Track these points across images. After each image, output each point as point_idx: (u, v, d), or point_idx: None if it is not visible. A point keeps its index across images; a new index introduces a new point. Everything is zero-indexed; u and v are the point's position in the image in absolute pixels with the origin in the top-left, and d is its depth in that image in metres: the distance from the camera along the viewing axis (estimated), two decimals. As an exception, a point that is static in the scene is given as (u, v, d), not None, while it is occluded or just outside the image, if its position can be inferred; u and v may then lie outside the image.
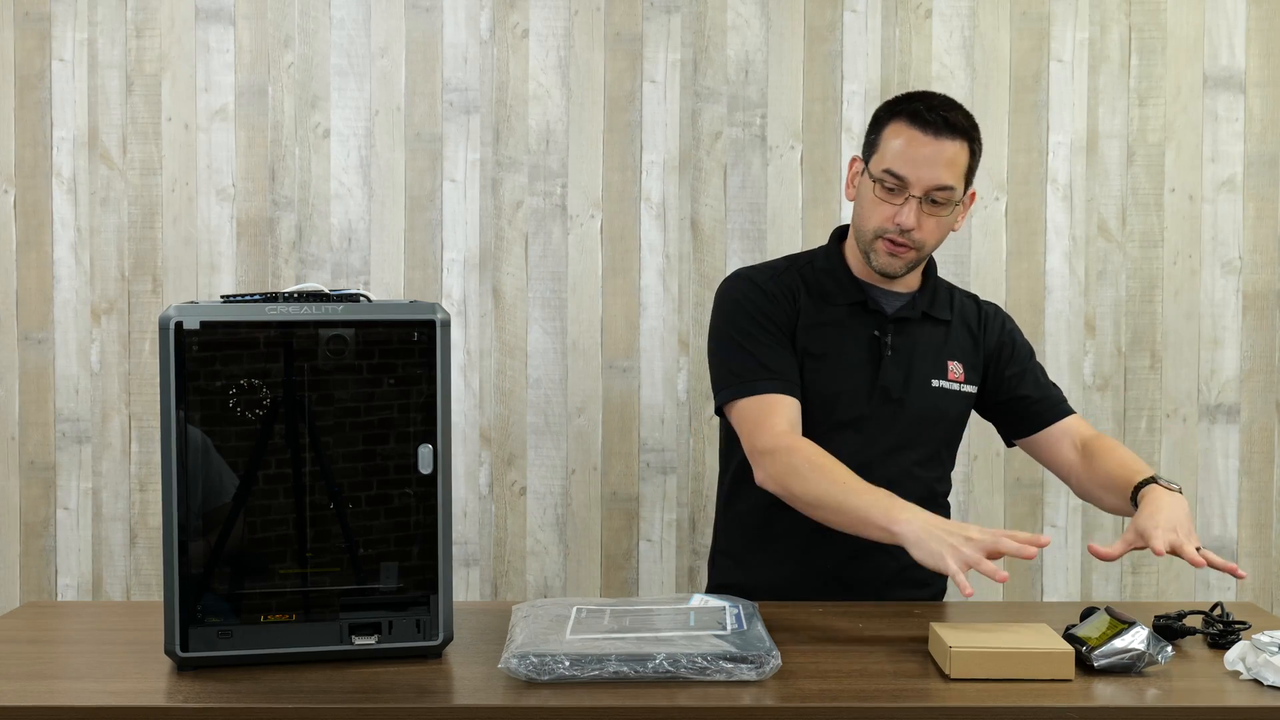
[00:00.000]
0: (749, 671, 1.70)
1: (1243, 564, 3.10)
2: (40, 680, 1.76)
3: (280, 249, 3.09)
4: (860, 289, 2.31)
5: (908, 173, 2.19)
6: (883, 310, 2.29)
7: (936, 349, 2.32)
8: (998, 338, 2.37)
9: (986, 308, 2.42)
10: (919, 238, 2.22)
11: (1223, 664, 1.78)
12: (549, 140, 3.09)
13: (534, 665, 1.69)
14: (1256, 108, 3.08)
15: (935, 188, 2.19)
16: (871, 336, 2.28)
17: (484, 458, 3.11)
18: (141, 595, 3.11)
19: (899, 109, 2.24)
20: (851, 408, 2.26)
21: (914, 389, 2.28)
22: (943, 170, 2.19)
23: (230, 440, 1.75)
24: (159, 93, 3.09)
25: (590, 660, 1.70)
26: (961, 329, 2.35)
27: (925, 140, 2.19)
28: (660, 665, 1.70)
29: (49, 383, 3.12)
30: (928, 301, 2.33)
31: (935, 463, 2.33)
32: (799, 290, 2.31)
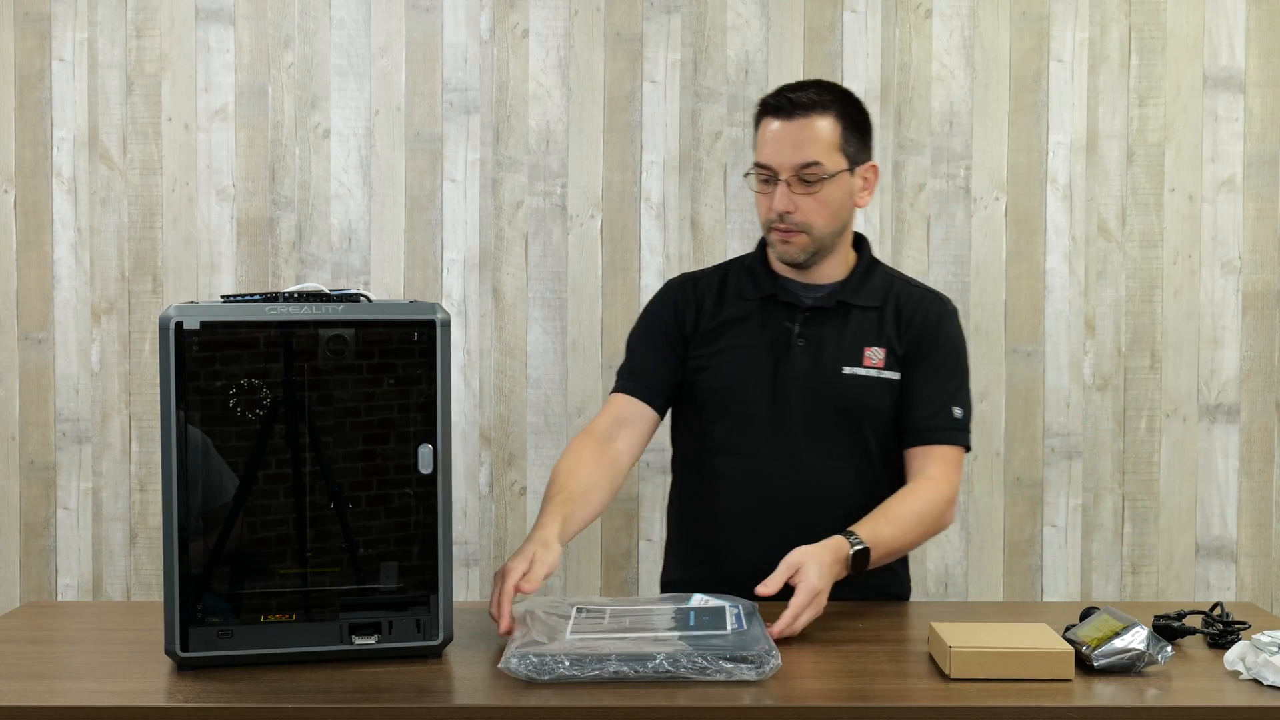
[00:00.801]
0: (749, 671, 1.70)
1: (1242, 564, 3.11)
2: (40, 680, 1.76)
3: (280, 249, 3.09)
4: (775, 283, 2.31)
5: (770, 159, 2.22)
6: (798, 302, 2.29)
7: (855, 336, 2.27)
8: (919, 331, 2.28)
9: (925, 297, 2.33)
10: (800, 220, 2.22)
11: (1222, 664, 1.78)
12: (549, 140, 3.09)
13: (534, 665, 1.69)
14: (1256, 108, 3.08)
15: (799, 166, 2.20)
16: (782, 328, 2.28)
17: (484, 458, 3.11)
18: (141, 595, 3.11)
19: (761, 105, 2.28)
20: (758, 399, 2.26)
21: (823, 377, 2.24)
22: (802, 148, 2.20)
23: (230, 440, 1.75)
24: (159, 93, 3.09)
25: (590, 660, 1.70)
26: (891, 315, 2.29)
27: (778, 124, 2.23)
28: (660, 665, 1.70)
29: (49, 383, 3.12)
30: (850, 290, 2.29)
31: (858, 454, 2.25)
32: (711, 293, 2.34)
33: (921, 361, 2.27)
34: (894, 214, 3.08)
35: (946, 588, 3.11)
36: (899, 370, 2.26)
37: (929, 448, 2.24)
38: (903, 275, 2.39)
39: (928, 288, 2.37)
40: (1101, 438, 3.10)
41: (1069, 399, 3.09)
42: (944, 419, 2.25)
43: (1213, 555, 3.11)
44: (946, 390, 2.27)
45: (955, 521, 3.10)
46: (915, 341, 2.27)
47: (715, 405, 2.29)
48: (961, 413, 2.27)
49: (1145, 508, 3.11)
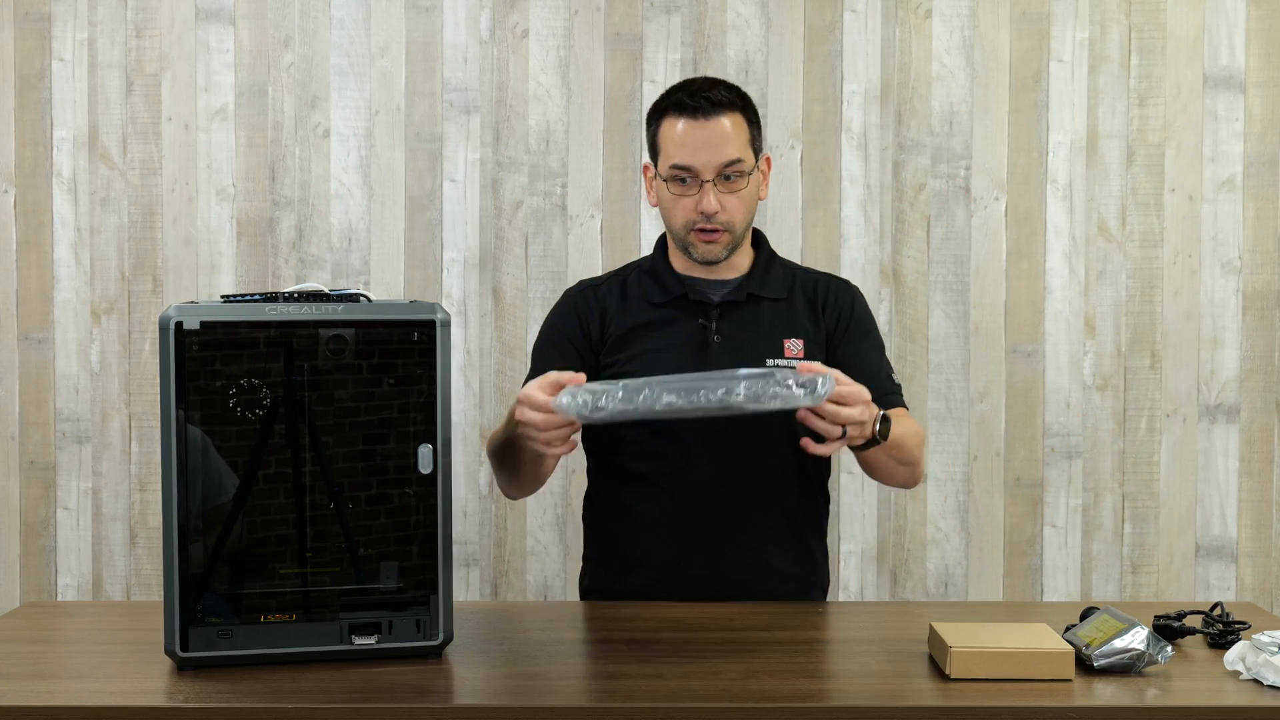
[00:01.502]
0: (805, 397, 1.69)
1: (1242, 564, 3.11)
2: (40, 680, 1.76)
3: (280, 249, 3.09)
4: (681, 283, 2.29)
5: (692, 161, 2.21)
6: (708, 299, 2.28)
7: (771, 328, 2.27)
8: (838, 313, 2.31)
9: (833, 283, 2.36)
10: (725, 219, 2.22)
11: (1222, 664, 1.78)
12: (549, 140, 3.09)
13: (586, 402, 1.70)
14: (1256, 108, 3.08)
15: (724, 166, 2.20)
16: (697, 326, 2.26)
17: (484, 458, 3.11)
18: (141, 595, 3.11)
19: (665, 105, 2.26)
20: None
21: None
22: (725, 148, 2.20)
23: (230, 440, 1.75)
24: (159, 93, 3.09)
25: (643, 394, 1.69)
26: (803, 305, 2.30)
27: (697, 125, 2.21)
28: (713, 392, 1.69)
29: (49, 383, 3.12)
30: (757, 283, 2.29)
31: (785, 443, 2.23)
32: (613, 299, 2.33)
33: (850, 342, 2.30)
34: (894, 214, 3.08)
35: (946, 588, 3.11)
36: (819, 356, 2.26)
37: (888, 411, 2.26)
38: (796, 264, 2.41)
39: (828, 273, 2.39)
40: (1101, 438, 3.10)
41: (1069, 399, 3.09)
42: (888, 384, 2.28)
43: (1213, 555, 3.11)
44: (881, 363, 2.32)
45: (955, 521, 3.10)
46: (836, 326, 2.30)
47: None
48: (896, 379, 2.33)
49: (1145, 508, 3.11)
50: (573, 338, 2.32)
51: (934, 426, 3.08)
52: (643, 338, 2.28)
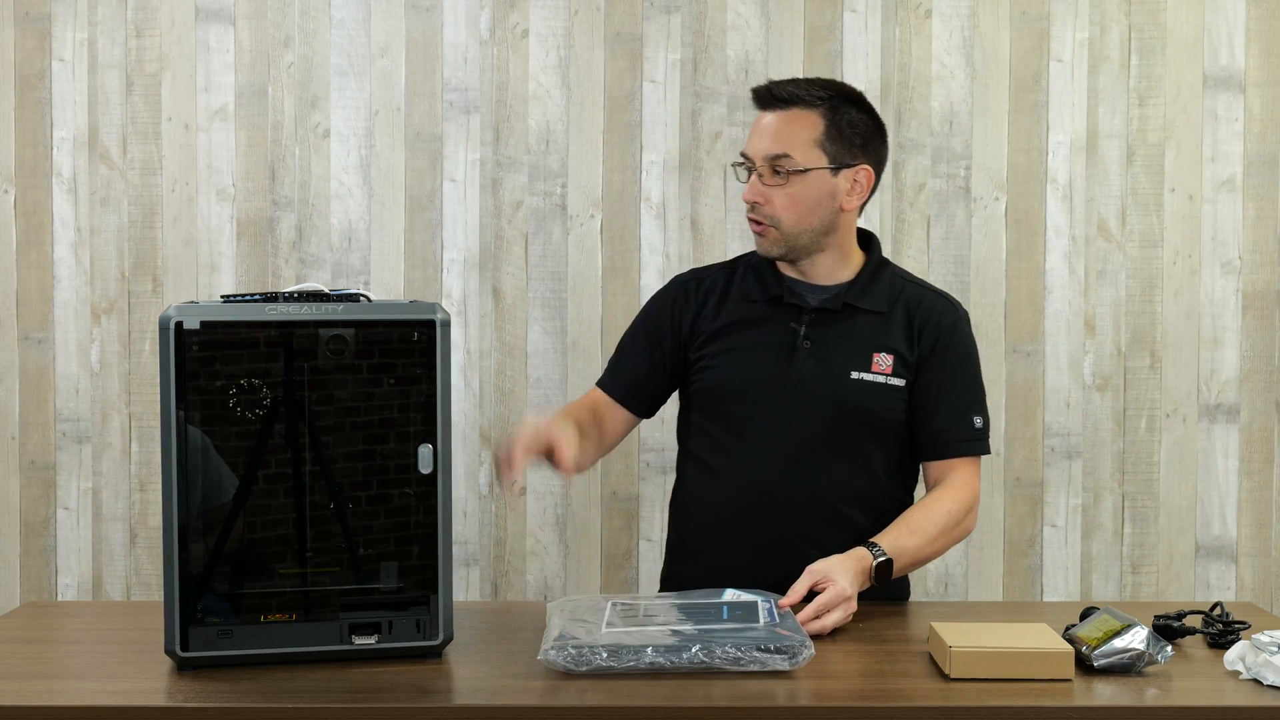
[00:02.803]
0: (783, 662, 1.71)
1: (1242, 564, 3.11)
2: (40, 680, 1.76)
3: (280, 249, 3.09)
4: (781, 284, 2.29)
5: (748, 149, 2.24)
6: (803, 304, 2.26)
7: (863, 341, 2.23)
8: (935, 337, 2.24)
9: (938, 303, 2.29)
10: (769, 212, 2.21)
11: (1222, 664, 1.78)
12: (549, 140, 3.09)
13: (572, 656, 1.71)
14: (1256, 108, 3.08)
15: (768, 159, 2.20)
16: (788, 329, 2.25)
17: (484, 458, 3.11)
18: (142, 595, 3.11)
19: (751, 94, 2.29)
20: (763, 399, 2.24)
21: (830, 381, 2.21)
22: (771, 140, 2.20)
23: (230, 440, 1.75)
24: (159, 93, 3.09)
25: (627, 651, 1.71)
26: (901, 321, 2.25)
27: (759, 116, 2.24)
28: (695, 656, 1.72)
29: (49, 383, 3.12)
30: (857, 293, 2.26)
31: (858, 459, 2.23)
32: (715, 293, 2.33)
33: (938, 371, 2.24)
34: (894, 214, 3.08)
35: (946, 588, 3.11)
36: (907, 377, 2.23)
37: (951, 460, 2.24)
38: (912, 276, 2.35)
39: (938, 291, 2.34)
40: (1101, 438, 3.10)
41: (1069, 399, 3.09)
42: (964, 429, 2.24)
43: (1213, 555, 3.11)
44: (966, 399, 2.25)
45: (955, 521, 3.10)
46: (929, 350, 2.24)
47: (717, 405, 2.29)
48: (981, 421, 2.26)
49: (1145, 508, 3.11)
50: (659, 333, 2.35)
51: (934, 426, 3.08)
52: (733, 334, 2.28)
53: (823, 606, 1.94)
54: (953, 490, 2.21)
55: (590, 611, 1.89)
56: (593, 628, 1.81)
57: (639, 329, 2.39)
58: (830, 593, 1.95)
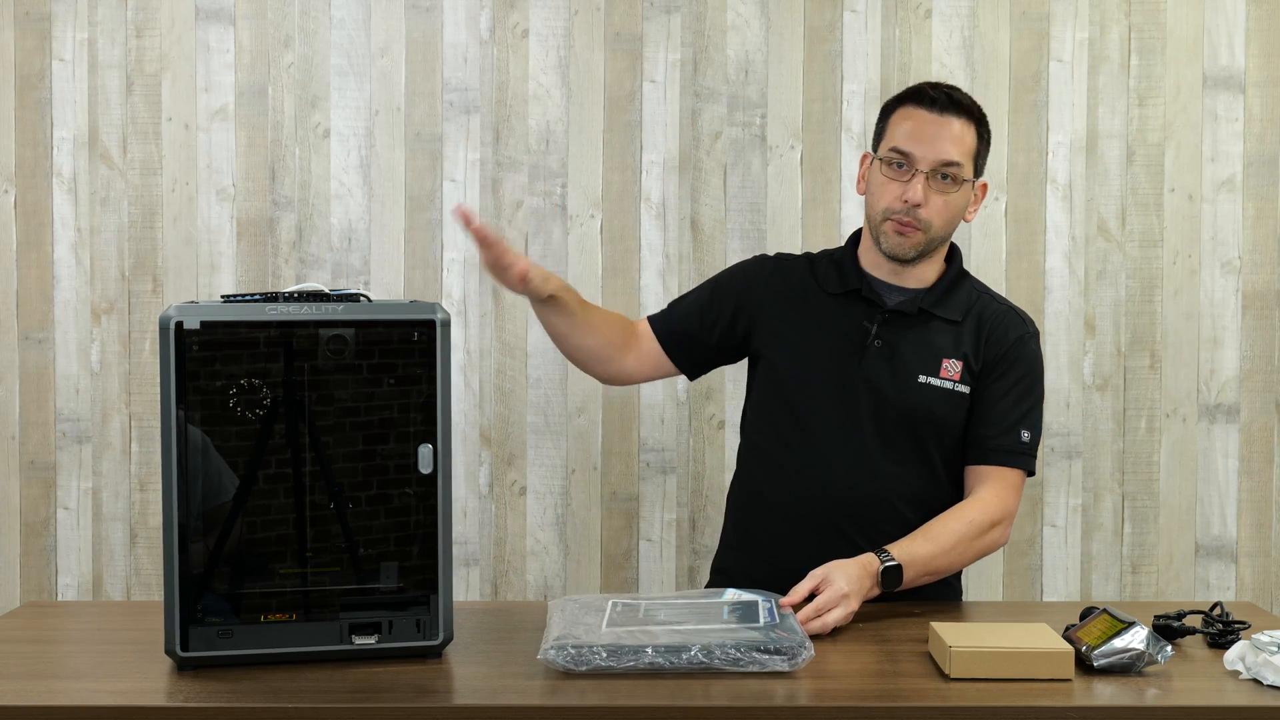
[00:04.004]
0: (782, 663, 1.71)
1: (1242, 564, 3.11)
2: (40, 680, 1.76)
3: (280, 249, 3.09)
4: (861, 278, 2.29)
5: (913, 148, 2.20)
6: (880, 302, 2.27)
7: (934, 346, 2.25)
8: (999, 349, 2.26)
9: (1008, 316, 2.29)
10: (925, 216, 2.20)
11: (1222, 664, 1.78)
12: (549, 140, 3.09)
13: (572, 656, 1.71)
14: (1256, 108, 3.08)
15: (942, 163, 2.20)
16: (860, 327, 2.26)
17: (484, 458, 3.11)
18: (142, 595, 3.11)
19: (906, 95, 2.28)
20: (828, 394, 2.24)
21: (898, 383, 2.23)
22: (949, 145, 2.20)
23: (230, 440, 1.75)
24: (159, 93, 3.09)
25: (626, 651, 1.71)
26: (972, 330, 2.26)
27: (930, 118, 2.22)
28: (694, 657, 1.72)
29: (49, 382, 3.12)
30: (934, 299, 2.27)
31: (920, 462, 2.24)
32: (794, 279, 2.34)
33: (996, 380, 2.24)
34: (894, 214, 3.08)
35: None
36: (972, 385, 2.24)
37: (989, 468, 2.23)
38: (989, 290, 2.36)
39: (1012, 306, 2.34)
40: (1101, 438, 3.10)
41: (1069, 399, 3.09)
42: (1009, 440, 2.23)
43: (1213, 555, 3.11)
44: (1017, 412, 2.24)
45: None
46: (993, 359, 2.25)
47: (783, 395, 2.28)
48: (1029, 436, 2.24)
49: (1145, 508, 3.11)
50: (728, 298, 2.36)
51: (934, 426, 3.08)
52: (804, 324, 2.29)
53: (820, 607, 1.94)
54: (980, 501, 2.19)
55: (591, 611, 1.90)
56: (593, 627, 1.81)
57: (707, 286, 2.42)
58: (829, 593, 1.95)
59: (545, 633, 1.82)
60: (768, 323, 2.32)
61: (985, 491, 2.21)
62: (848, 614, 1.97)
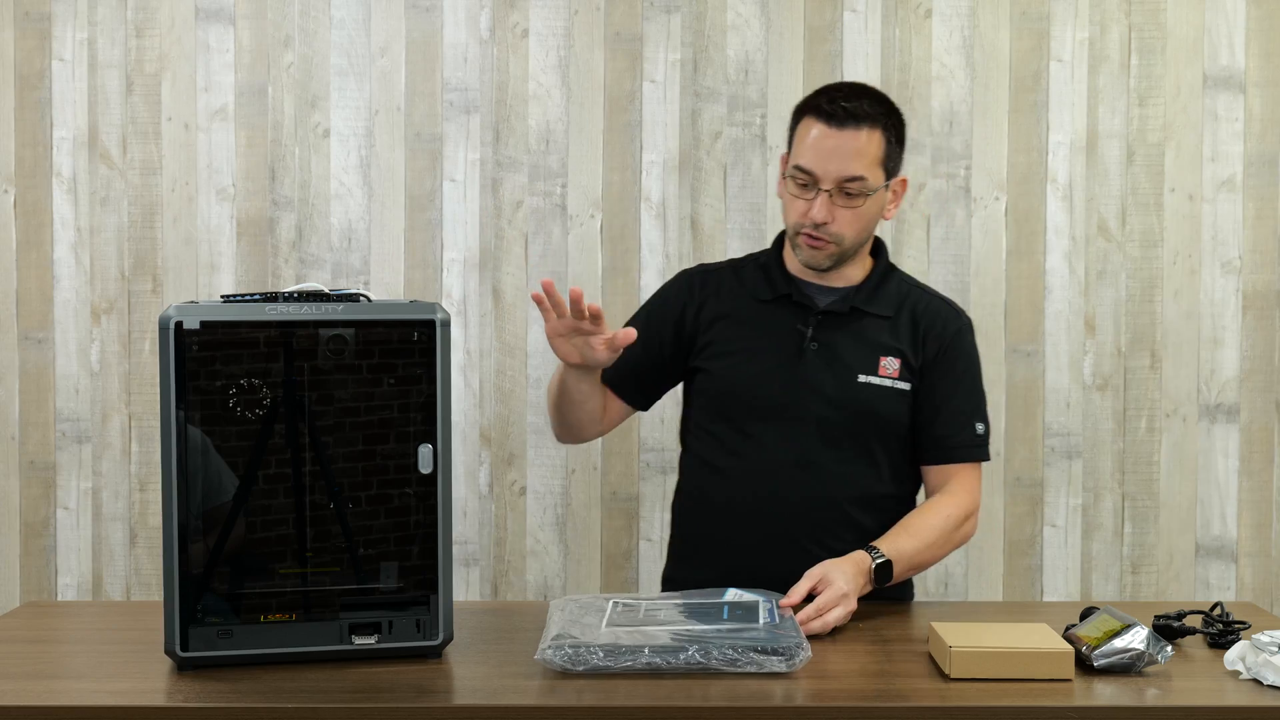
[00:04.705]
0: (779, 663, 1.71)
1: (1242, 564, 3.11)
2: (40, 680, 1.76)
3: (280, 249, 3.09)
4: (790, 283, 2.28)
5: (815, 167, 2.18)
6: (811, 304, 2.26)
7: (870, 344, 2.24)
8: (939, 345, 2.26)
9: (942, 310, 2.31)
10: (835, 231, 2.19)
11: (1222, 664, 1.78)
12: (549, 140, 3.09)
13: (569, 655, 1.71)
14: (1256, 108, 3.08)
15: (844, 179, 2.17)
16: (795, 330, 2.25)
17: (484, 458, 3.11)
18: (141, 595, 3.11)
19: (808, 104, 2.24)
20: (770, 400, 2.23)
21: (838, 384, 2.22)
22: (851, 161, 2.17)
23: (230, 440, 1.75)
24: (159, 92, 3.09)
25: (624, 651, 1.71)
26: (907, 325, 2.26)
27: (830, 132, 2.18)
28: (692, 657, 1.72)
29: (49, 382, 3.12)
30: (865, 296, 2.27)
31: (865, 462, 2.24)
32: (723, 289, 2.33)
33: (941, 377, 2.25)
34: (894, 214, 3.08)
35: (946, 588, 3.11)
36: (912, 381, 2.25)
37: (952, 466, 2.25)
38: (917, 282, 2.36)
39: (943, 298, 2.35)
40: (1101, 438, 3.10)
41: (1069, 399, 3.09)
42: (967, 436, 2.25)
43: (1213, 555, 3.11)
44: (969, 406, 2.27)
45: (955, 521, 3.10)
46: (934, 357, 2.25)
47: (723, 406, 2.28)
48: (983, 428, 2.28)
49: (1145, 508, 3.11)
50: (665, 324, 2.34)
51: (934, 426, 3.08)
52: (739, 332, 2.28)
53: (821, 606, 1.94)
54: (953, 496, 2.22)
55: (591, 611, 1.90)
56: (592, 627, 1.81)
57: (641, 320, 2.38)
58: (828, 593, 1.96)
59: (544, 632, 1.82)
60: (704, 335, 2.31)
61: (954, 486, 2.24)
62: (848, 613, 1.97)
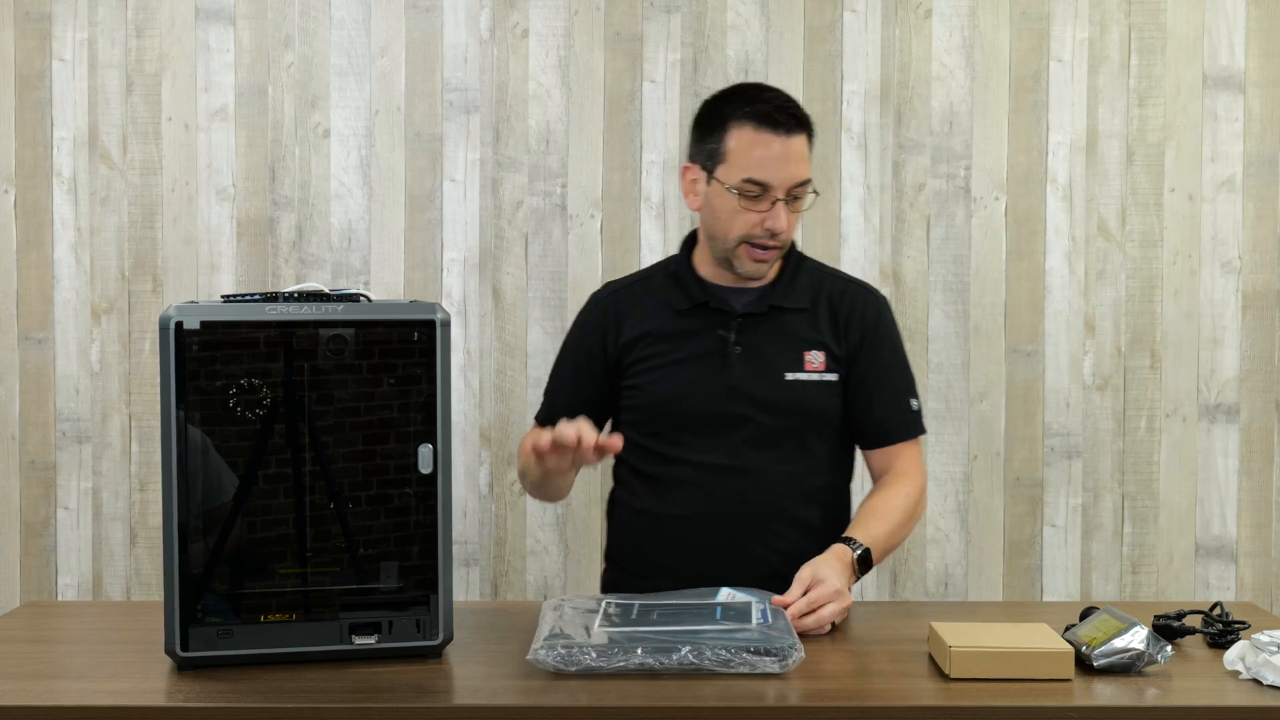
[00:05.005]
0: (772, 664, 1.71)
1: (1242, 564, 3.11)
2: (40, 680, 1.76)
3: (280, 249, 3.09)
4: (705, 290, 2.27)
5: (770, 177, 2.15)
6: (730, 309, 2.25)
7: (792, 340, 2.24)
8: (862, 330, 2.27)
9: (860, 294, 2.30)
10: (786, 237, 2.20)
11: (1222, 664, 1.78)
12: (549, 140, 3.09)
13: (562, 656, 1.71)
14: (1256, 108, 3.08)
15: (797, 184, 2.18)
16: (717, 337, 2.24)
17: (484, 458, 3.11)
18: (142, 595, 3.11)
19: (739, 113, 2.19)
20: (701, 409, 2.22)
21: (767, 384, 2.22)
22: (800, 166, 2.17)
23: (230, 440, 1.75)
24: (159, 92, 3.09)
25: (616, 652, 1.71)
26: (826, 315, 2.26)
27: (779, 141, 2.16)
28: (684, 657, 1.71)
29: (49, 382, 3.12)
30: (781, 293, 2.26)
31: (803, 458, 2.24)
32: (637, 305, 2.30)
33: (870, 364, 2.26)
34: (894, 214, 3.08)
35: (946, 588, 3.11)
36: (839, 371, 2.25)
37: (895, 446, 2.28)
38: (827, 268, 2.37)
39: (857, 281, 2.36)
40: (1101, 438, 3.10)
41: (1069, 399, 3.09)
42: (903, 415, 2.29)
43: (1212, 555, 3.11)
44: (901, 385, 2.30)
45: (955, 521, 3.11)
46: (858, 344, 2.26)
47: (655, 418, 2.26)
48: (916, 404, 2.31)
49: (1145, 508, 3.11)
50: (589, 354, 2.33)
51: (934, 426, 3.08)
52: (662, 345, 2.26)
53: (814, 601, 1.94)
54: (905, 476, 2.25)
55: (585, 611, 1.90)
56: (586, 627, 1.81)
57: (566, 359, 2.37)
58: (821, 589, 1.95)
59: (536, 632, 1.82)
60: (629, 355, 2.29)
61: (903, 466, 2.26)
62: (844, 608, 1.97)
